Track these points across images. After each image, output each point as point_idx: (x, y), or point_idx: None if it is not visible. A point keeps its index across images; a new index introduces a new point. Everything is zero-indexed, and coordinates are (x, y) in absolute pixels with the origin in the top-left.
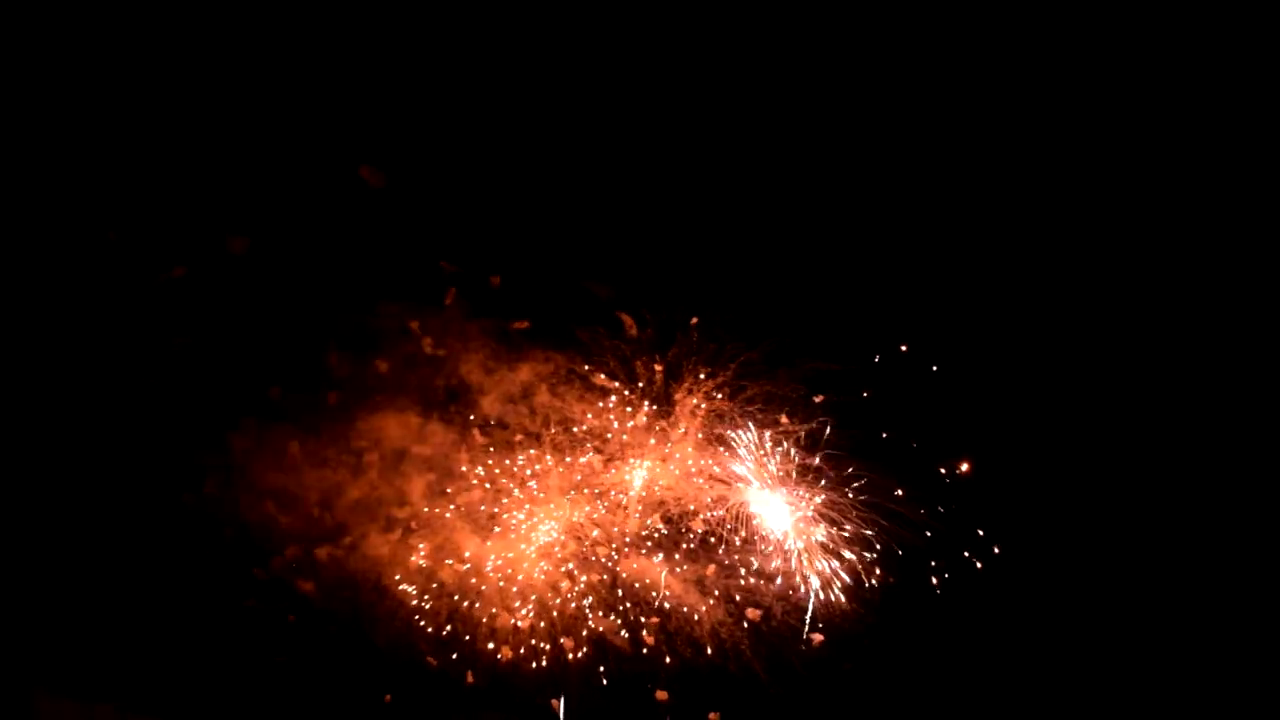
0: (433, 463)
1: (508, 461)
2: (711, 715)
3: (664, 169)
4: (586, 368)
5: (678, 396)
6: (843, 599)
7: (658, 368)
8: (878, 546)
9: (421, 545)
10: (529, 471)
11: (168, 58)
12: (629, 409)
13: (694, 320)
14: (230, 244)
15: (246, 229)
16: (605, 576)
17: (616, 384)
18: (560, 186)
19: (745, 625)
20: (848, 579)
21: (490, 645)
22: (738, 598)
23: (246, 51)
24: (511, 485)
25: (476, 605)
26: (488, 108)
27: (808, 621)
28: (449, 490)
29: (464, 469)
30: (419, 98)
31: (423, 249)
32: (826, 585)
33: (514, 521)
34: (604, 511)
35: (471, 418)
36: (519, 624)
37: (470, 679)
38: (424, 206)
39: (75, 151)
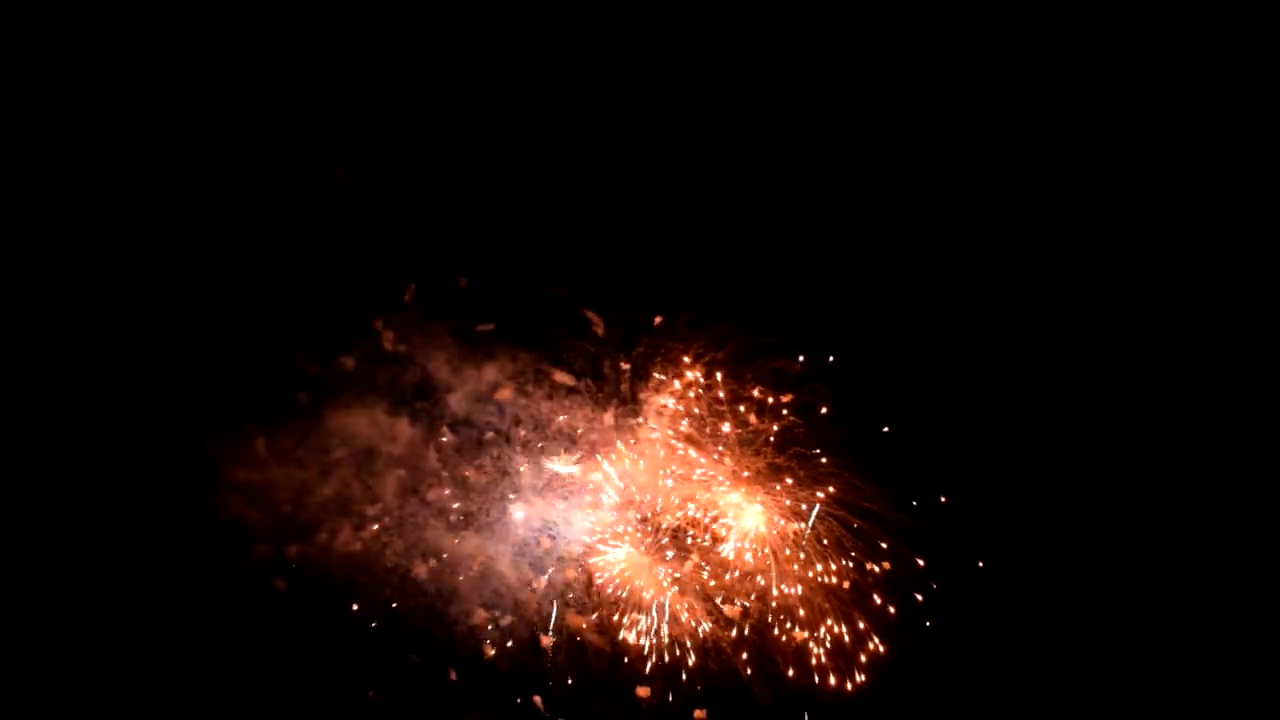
0: (402, 461)
1: (477, 462)
2: (697, 713)
3: (630, 171)
4: (553, 367)
5: (643, 396)
6: (820, 597)
7: (624, 366)
8: (854, 543)
9: (396, 543)
10: (501, 469)
11: (137, 60)
12: (596, 408)
13: (657, 320)
14: (205, 245)
15: (216, 229)
16: (580, 574)
17: (582, 383)
18: (527, 188)
19: (724, 623)
20: (823, 577)
21: (470, 643)
22: (715, 596)
23: (214, 53)
24: (483, 482)
25: (452, 603)
26: (456, 111)
27: (786, 618)
28: (419, 488)
29: (433, 465)
30: (388, 101)
31: (390, 249)
32: (801, 583)
33: (485, 519)
34: (577, 510)
35: (439, 416)
36: (500, 623)
37: (453, 676)
38: (393, 208)
39: (43, 152)
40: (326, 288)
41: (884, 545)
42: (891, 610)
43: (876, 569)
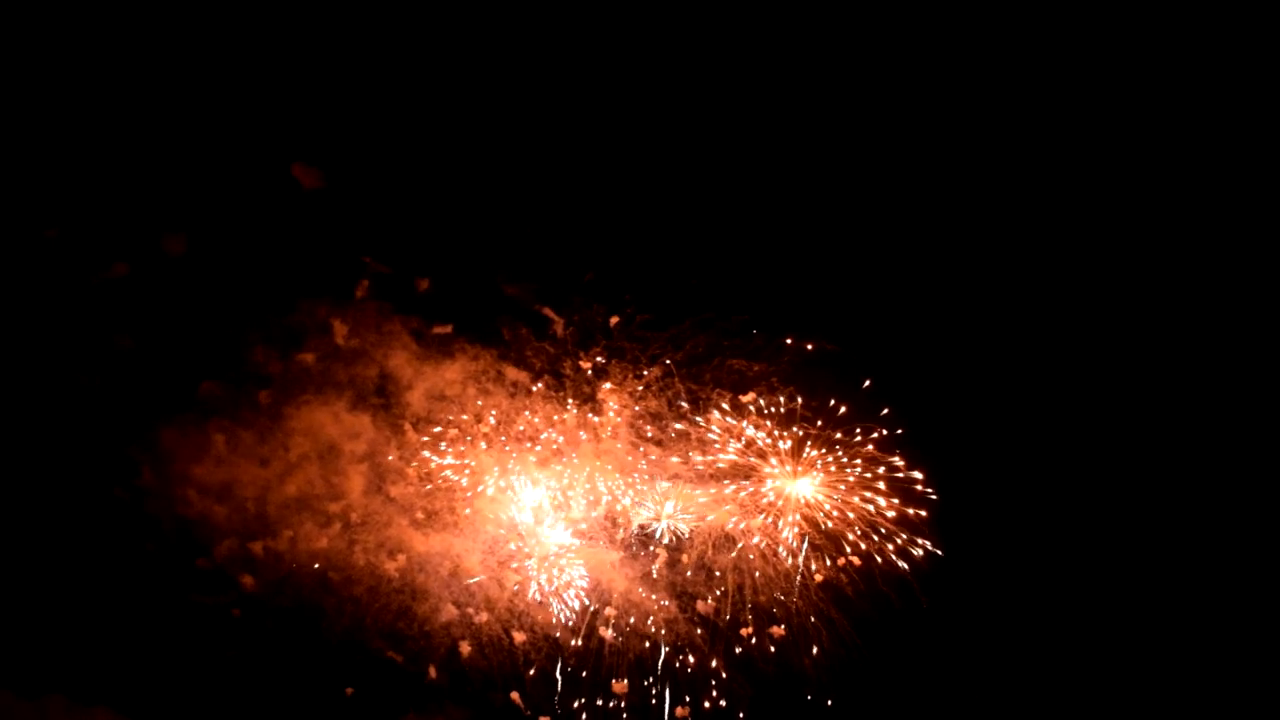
0: (366, 458)
1: (441, 459)
2: (679, 710)
3: (590, 177)
4: (514, 367)
5: (602, 395)
6: (790, 594)
7: (584, 365)
8: (820, 537)
9: (364, 540)
10: (464, 466)
11: (102, 62)
12: (558, 407)
13: (614, 320)
14: (167, 243)
15: (179, 228)
16: (550, 571)
17: (543, 382)
18: (490, 193)
19: (696, 619)
20: (793, 573)
21: (446, 640)
22: (687, 592)
23: (180, 55)
24: (453, 478)
25: (423, 600)
26: (419, 114)
27: (760, 614)
28: (383, 485)
29: (396, 463)
30: (351, 104)
31: (351, 248)
32: (774, 579)
33: (451, 516)
34: (544, 508)
35: (402, 414)
36: (475, 619)
37: (433, 674)
38: (355, 208)
39: (11, 153)
40: (287, 286)
41: (851, 540)
42: (867, 605)
43: (846, 564)
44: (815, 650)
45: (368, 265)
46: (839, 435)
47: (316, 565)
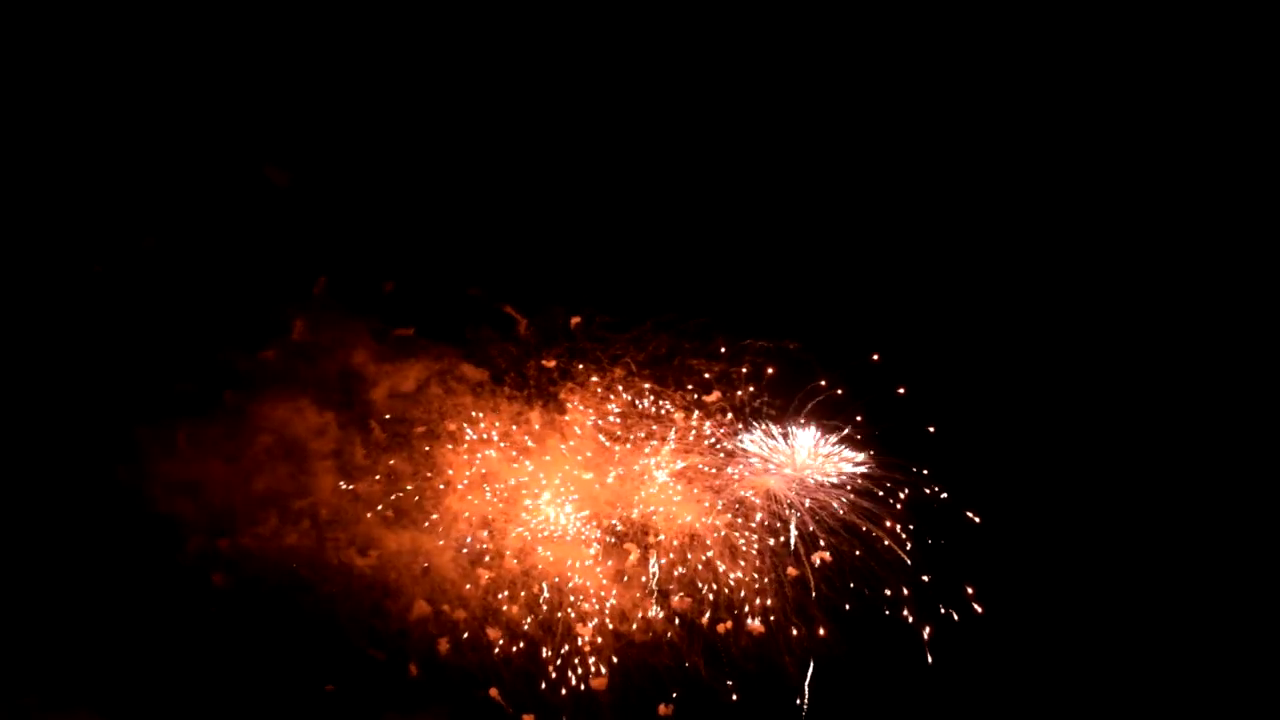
0: (332, 456)
1: (408, 456)
2: (661, 708)
3: (551, 175)
4: (478, 366)
5: (564, 395)
6: (767, 590)
7: (548, 364)
8: (793, 536)
9: (334, 536)
10: (431, 464)
11: (71, 63)
12: (523, 405)
13: (575, 320)
14: (141, 242)
15: (151, 228)
16: (518, 567)
17: (508, 381)
18: (455, 197)
19: (671, 616)
20: (761, 572)
21: (423, 637)
22: (661, 589)
23: (148, 56)
24: (416, 477)
25: (397, 598)
26: (385, 116)
27: (736, 611)
28: (351, 483)
29: (363, 461)
30: (319, 106)
31: (315, 248)
32: (746, 576)
33: (420, 514)
34: (514, 506)
35: (367, 412)
36: (451, 616)
37: (414, 671)
38: (320, 209)
39: None
40: (254, 286)
41: (823, 537)
42: (839, 600)
43: (817, 560)
44: (794, 646)
45: (328, 264)
46: (807, 432)
47: (287, 562)
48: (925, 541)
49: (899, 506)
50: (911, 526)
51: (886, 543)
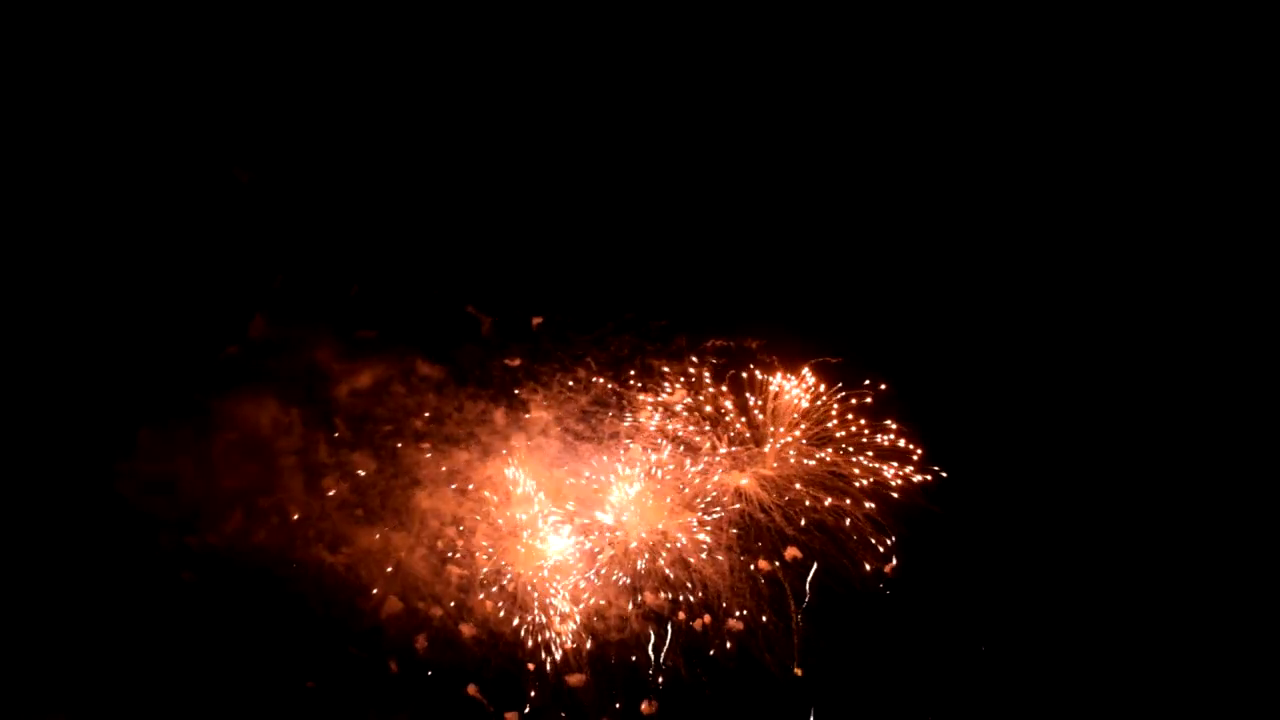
0: (300, 454)
1: (375, 454)
2: (644, 706)
3: (514, 182)
4: (440, 365)
5: (527, 395)
6: (742, 588)
7: (511, 363)
8: (764, 532)
9: (303, 535)
10: (399, 462)
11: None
12: (488, 404)
13: (536, 321)
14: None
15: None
16: (491, 566)
17: (472, 380)
18: (417, 198)
19: (651, 616)
20: (733, 568)
21: (399, 633)
22: (635, 586)
23: (103, 57)
24: (384, 475)
25: (373, 595)
26: (348, 117)
27: (710, 608)
28: (319, 481)
29: (331, 459)
30: (286, 107)
31: (280, 249)
32: (722, 572)
33: (387, 512)
34: (483, 504)
35: (334, 411)
36: (426, 613)
37: (394, 668)
38: (286, 210)
39: None
40: (216, 283)
41: (791, 532)
42: (814, 595)
43: (788, 557)
44: (770, 641)
45: (290, 264)
46: (771, 429)
47: (257, 560)
48: (895, 535)
49: (869, 502)
50: (881, 520)
51: (856, 537)
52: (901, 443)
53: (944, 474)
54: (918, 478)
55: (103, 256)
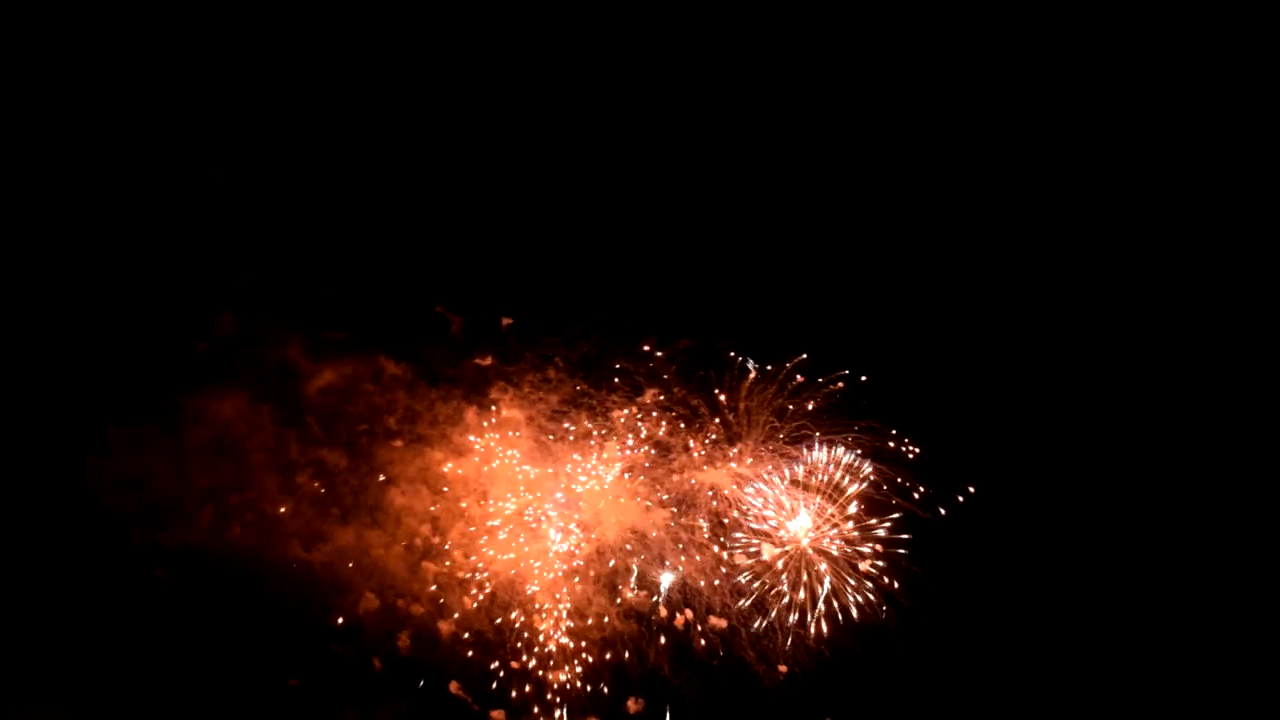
0: (273, 452)
1: (348, 451)
2: (631, 704)
3: (484, 184)
4: (410, 364)
5: (496, 395)
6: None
7: (482, 363)
8: (736, 532)
9: (280, 532)
10: (374, 460)
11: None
12: (459, 404)
13: (506, 322)
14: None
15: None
16: (467, 562)
17: (442, 379)
18: (388, 199)
19: (631, 614)
20: (710, 565)
21: (378, 631)
22: (612, 583)
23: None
24: (356, 472)
25: (347, 592)
26: (316, 117)
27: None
28: (293, 479)
29: (305, 457)
30: (257, 108)
31: (251, 253)
32: (700, 570)
33: (362, 511)
34: (456, 500)
35: (306, 410)
36: (406, 610)
37: (378, 665)
38: (257, 210)
39: None
40: (186, 281)
41: (768, 528)
42: (795, 592)
43: (764, 556)
44: (753, 638)
45: (260, 263)
46: (744, 427)
47: (232, 558)
48: (872, 529)
49: (849, 499)
50: (862, 516)
51: (835, 531)
52: (873, 436)
53: (914, 456)
54: (890, 470)
55: (70, 251)
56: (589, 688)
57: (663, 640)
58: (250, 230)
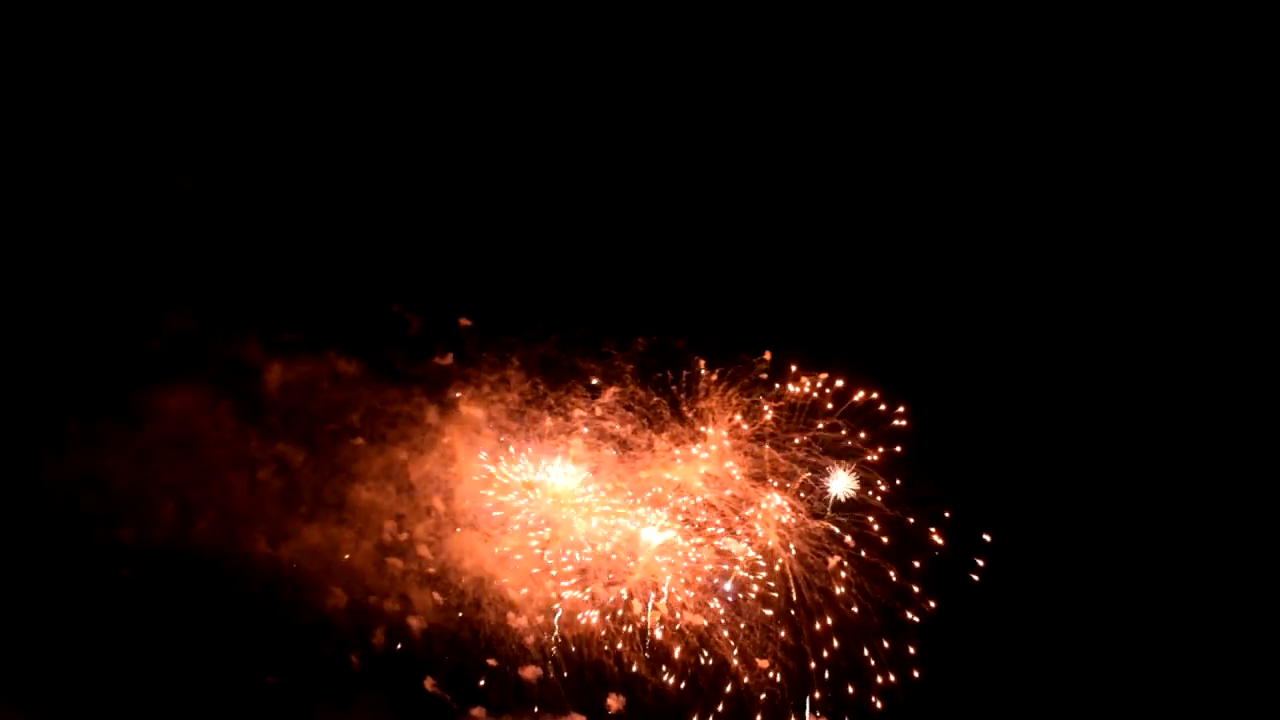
0: (235, 449)
1: (312, 448)
2: (612, 701)
3: (443, 184)
4: (370, 364)
5: (459, 393)
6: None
7: (441, 362)
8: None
9: (248, 529)
10: (340, 456)
11: None
12: (422, 401)
13: (465, 322)
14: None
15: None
16: (434, 559)
17: (403, 377)
18: (349, 200)
19: (607, 613)
20: (682, 561)
21: (352, 628)
22: (587, 581)
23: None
24: (323, 468)
25: (315, 589)
26: (281, 127)
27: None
28: (257, 476)
29: (275, 453)
30: (228, 110)
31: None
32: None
33: (328, 507)
34: (423, 497)
35: (266, 407)
36: (378, 607)
37: (355, 662)
38: (218, 212)
39: None
40: (145, 280)
41: (737, 525)
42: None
43: (742, 557)
44: (732, 635)
45: (221, 263)
46: (705, 426)
47: (197, 555)
48: (851, 525)
49: (825, 498)
50: (823, 509)
51: (812, 525)
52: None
53: (876, 458)
54: (852, 463)
55: (28, 249)
56: (573, 685)
57: (639, 637)
58: (210, 230)
